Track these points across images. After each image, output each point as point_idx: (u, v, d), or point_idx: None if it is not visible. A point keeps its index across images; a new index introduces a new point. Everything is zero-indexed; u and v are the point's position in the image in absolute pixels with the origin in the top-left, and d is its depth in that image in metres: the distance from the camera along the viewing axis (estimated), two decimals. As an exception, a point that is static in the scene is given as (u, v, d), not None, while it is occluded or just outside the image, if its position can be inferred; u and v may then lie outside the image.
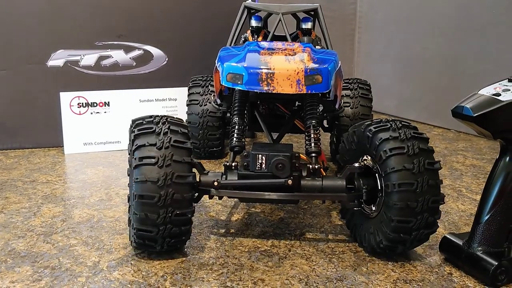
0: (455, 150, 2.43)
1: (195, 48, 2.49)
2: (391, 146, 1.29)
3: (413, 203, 1.26)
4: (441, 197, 1.30)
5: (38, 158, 2.21)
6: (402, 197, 1.26)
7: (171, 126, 1.31)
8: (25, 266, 1.31)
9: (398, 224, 1.28)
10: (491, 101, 1.20)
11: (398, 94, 3.12)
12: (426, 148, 1.30)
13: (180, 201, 1.25)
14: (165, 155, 1.25)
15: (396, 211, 1.27)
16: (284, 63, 1.41)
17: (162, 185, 1.23)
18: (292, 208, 1.70)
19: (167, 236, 1.29)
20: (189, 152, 1.29)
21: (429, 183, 1.27)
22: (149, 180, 1.23)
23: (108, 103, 2.34)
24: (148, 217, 1.25)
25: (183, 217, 1.28)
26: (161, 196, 1.23)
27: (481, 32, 2.61)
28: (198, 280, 1.26)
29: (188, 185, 1.27)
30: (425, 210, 1.27)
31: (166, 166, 1.24)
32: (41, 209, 1.68)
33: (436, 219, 1.31)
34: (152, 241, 1.30)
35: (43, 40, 2.27)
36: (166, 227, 1.27)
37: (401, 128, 1.33)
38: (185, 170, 1.27)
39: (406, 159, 1.27)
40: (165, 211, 1.25)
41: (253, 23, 1.96)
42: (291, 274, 1.29)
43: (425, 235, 1.32)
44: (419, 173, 1.26)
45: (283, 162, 1.33)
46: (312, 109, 1.55)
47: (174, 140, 1.27)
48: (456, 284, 1.27)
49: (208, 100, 2.15)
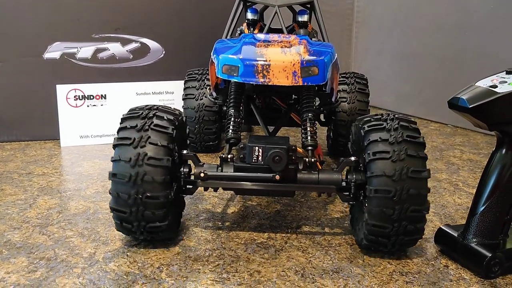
0: (452, 145, 2.43)
1: (192, 41, 2.48)
2: (376, 149, 1.26)
3: (389, 210, 1.23)
4: (425, 206, 1.25)
5: (34, 151, 2.20)
6: (378, 203, 1.24)
7: (157, 112, 1.33)
8: (20, 257, 1.31)
9: (373, 228, 1.27)
10: (487, 93, 1.20)
11: (396, 89, 3.12)
12: (415, 154, 1.24)
13: (151, 182, 1.26)
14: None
15: (372, 215, 1.26)
16: (280, 55, 1.41)
17: (134, 165, 1.25)
18: (288, 201, 1.70)
19: (140, 219, 1.29)
20: (168, 137, 1.29)
21: (409, 192, 1.22)
22: (122, 160, 1.26)
23: (105, 96, 2.33)
24: (119, 197, 1.26)
25: (154, 200, 1.27)
26: (132, 176, 1.25)
27: (479, 27, 2.60)
28: (194, 272, 1.26)
29: (161, 168, 1.27)
30: (403, 219, 1.24)
31: (140, 147, 1.26)
32: (37, 201, 1.67)
33: (419, 227, 1.27)
34: (127, 222, 1.30)
35: (39, 33, 2.26)
36: (138, 209, 1.27)
37: (396, 129, 1.28)
38: (160, 153, 1.27)
39: (389, 165, 1.23)
40: (136, 192, 1.26)
41: (249, 15, 1.95)
42: (288, 266, 1.29)
43: (408, 241, 1.30)
44: (400, 181, 1.22)
45: (280, 155, 1.32)
46: (308, 102, 1.55)
47: (154, 124, 1.29)
48: (452, 277, 1.27)
49: (204, 94, 2.15)
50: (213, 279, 1.23)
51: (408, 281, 1.24)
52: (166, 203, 1.29)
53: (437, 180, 1.94)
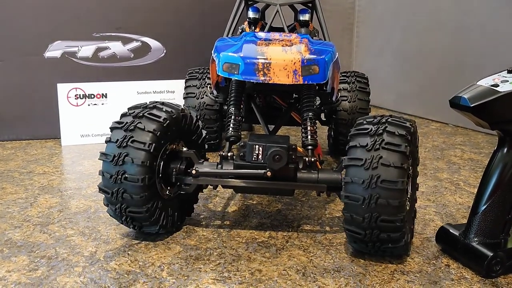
0: (453, 144, 2.43)
1: (193, 40, 2.48)
2: (351, 155, 1.25)
3: (358, 217, 1.23)
4: (398, 217, 1.22)
5: (35, 150, 2.20)
6: (349, 208, 1.25)
7: (146, 112, 1.34)
8: (21, 256, 1.31)
9: (348, 232, 1.28)
10: (488, 92, 1.20)
11: (397, 89, 3.11)
12: (389, 163, 1.21)
13: (130, 179, 1.28)
14: (126, 136, 1.30)
15: (345, 219, 1.27)
16: (281, 53, 1.40)
17: (115, 164, 1.29)
18: (289, 200, 1.70)
19: (124, 214, 1.32)
20: (151, 136, 1.30)
21: (378, 202, 1.20)
22: (107, 158, 1.30)
23: (106, 95, 2.33)
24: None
25: (136, 196, 1.29)
26: (113, 175, 1.29)
27: (480, 26, 2.60)
28: (195, 271, 1.26)
29: (139, 167, 1.28)
30: (374, 227, 1.23)
31: (123, 147, 1.29)
32: (37, 200, 1.67)
33: (393, 237, 1.24)
34: (117, 217, 1.36)
35: (40, 31, 2.26)
36: (121, 206, 1.31)
37: (380, 135, 1.24)
38: (139, 155, 1.28)
39: (360, 173, 1.22)
40: (117, 190, 1.29)
41: (251, 14, 1.95)
42: (289, 265, 1.29)
43: (387, 249, 1.28)
44: (369, 189, 1.21)
45: (280, 154, 1.32)
46: (309, 101, 1.55)
47: (138, 123, 1.31)
48: (454, 276, 1.27)
49: (205, 93, 2.15)
50: (214, 278, 1.22)
51: (409, 280, 1.24)
52: (144, 187, 1.29)
53: (438, 179, 1.94)
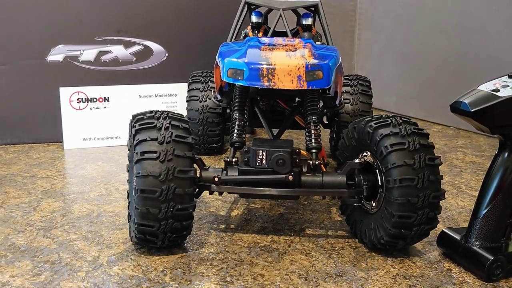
0: (454, 147, 2.43)
1: (195, 44, 2.49)
2: (392, 141, 1.29)
3: (414, 199, 1.26)
4: (442, 192, 1.30)
5: (38, 153, 2.21)
6: (403, 192, 1.27)
7: (172, 121, 1.31)
8: (25, 261, 1.31)
9: (399, 220, 1.28)
10: (489, 97, 1.20)
11: (398, 91, 3.12)
12: (426, 143, 1.30)
13: (181, 195, 1.26)
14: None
15: (397, 207, 1.28)
16: (285, 59, 1.41)
17: (164, 179, 1.24)
18: (291, 204, 1.70)
19: (168, 231, 1.29)
20: (190, 147, 1.29)
21: (429, 179, 1.27)
22: (151, 175, 1.24)
23: (108, 98, 2.34)
24: (149, 212, 1.25)
25: (184, 211, 1.28)
26: (163, 191, 1.24)
27: (481, 29, 2.60)
28: (197, 275, 1.26)
29: (189, 180, 1.27)
30: (426, 206, 1.27)
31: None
32: (40, 204, 1.67)
33: (436, 214, 1.31)
34: (153, 236, 1.30)
35: (42, 35, 2.27)
36: (168, 222, 1.27)
37: (401, 124, 1.33)
38: (187, 165, 1.27)
39: (407, 155, 1.27)
40: (167, 206, 1.25)
41: (254, 18, 1.95)
42: (291, 270, 1.30)
43: (426, 231, 1.33)
44: (420, 169, 1.26)
45: (284, 158, 1.33)
46: (313, 105, 1.55)
47: (175, 135, 1.28)
48: (455, 280, 1.27)
49: (208, 96, 2.15)
50: (217, 283, 1.23)
51: (411, 284, 1.25)
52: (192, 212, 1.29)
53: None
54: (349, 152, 1.46)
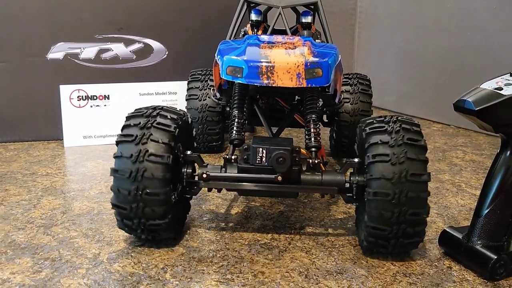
0: (454, 146, 2.43)
1: (196, 42, 2.49)
2: (376, 152, 1.26)
3: (387, 213, 1.24)
4: (424, 210, 1.25)
5: (38, 151, 2.21)
6: (377, 205, 1.24)
7: (161, 112, 1.35)
8: (25, 258, 1.31)
9: (372, 230, 1.28)
10: (493, 95, 1.20)
11: (398, 90, 3.12)
12: (415, 157, 1.24)
13: (151, 179, 1.27)
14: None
15: (371, 218, 1.27)
16: (284, 57, 1.41)
17: (135, 161, 1.27)
18: (292, 202, 1.70)
19: (141, 216, 1.29)
20: (166, 148, 1.29)
21: (408, 195, 1.22)
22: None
23: (108, 96, 2.34)
24: (120, 192, 1.28)
25: (158, 209, 1.28)
26: (132, 172, 1.27)
27: (481, 27, 2.60)
28: (198, 273, 1.26)
29: (162, 165, 1.28)
30: (402, 222, 1.24)
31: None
32: (41, 201, 1.68)
33: (418, 230, 1.26)
34: (128, 219, 1.31)
35: (42, 33, 2.27)
36: (138, 205, 1.28)
37: (398, 132, 1.27)
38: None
39: (388, 168, 1.23)
40: (136, 188, 1.27)
41: (253, 16, 1.95)
42: (291, 267, 1.30)
43: (408, 244, 1.29)
44: (399, 184, 1.22)
45: (284, 156, 1.33)
46: (312, 103, 1.55)
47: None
48: (456, 278, 1.27)
49: (207, 94, 2.15)
50: (217, 280, 1.23)
51: (412, 282, 1.25)
52: (165, 200, 1.29)
53: (440, 181, 1.94)
54: (360, 150, 1.44)
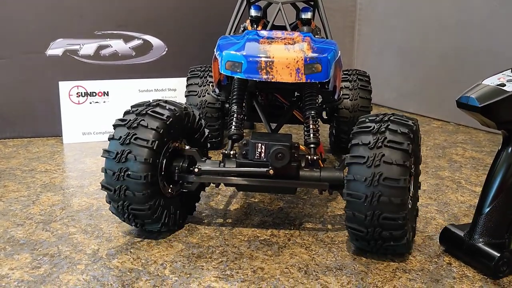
0: (454, 143, 2.43)
1: (195, 38, 2.48)
2: (355, 153, 1.26)
3: (360, 215, 1.24)
4: (400, 215, 1.22)
5: (37, 148, 2.20)
6: (351, 206, 1.25)
7: (149, 110, 1.35)
8: (24, 254, 1.31)
9: (350, 230, 1.29)
10: (496, 91, 1.19)
11: (398, 87, 3.11)
12: (392, 161, 1.21)
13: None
14: (129, 133, 1.30)
15: (348, 218, 1.28)
16: (284, 52, 1.40)
17: (118, 161, 1.29)
18: (291, 198, 1.70)
19: (124, 199, 1.31)
20: (154, 133, 1.30)
21: (380, 199, 1.21)
22: (110, 156, 1.31)
23: (107, 92, 2.33)
24: (107, 173, 1.31)
25: (138, 193, 1.29)
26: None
27: (481, 24, 2.60)
28: (197, 268, 1.26)
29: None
30: (376, 225, 1.23)
31: (126, 144, 1.30)
32: (40, 198, 1.67)
33: (395, 235, 1.24)
34: (114, 201, 1.33)
35: (42, 29, 2.26)
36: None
37: (382, 133, 1.25)
38: (142, 152, 1.29)
39: (362, 170, 1.23)
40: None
41: (253, 12, 1.94)
42: (291, 263, 1.30)
43: (389, 247, 1.28)
44: (371, 187, 1.21)
45: (283, 152, 1.32)
46: (311, 99, 1.55)
47: (141, 120, 1.31)
48: (455, 274, 1.27)
49: (206, 91, 2.15)
50: (217, 276, 1.23)
51: (411, 278, 1.24)
52: (146, 184, 1.29)
53: (440, 178, 1.94)
54: None
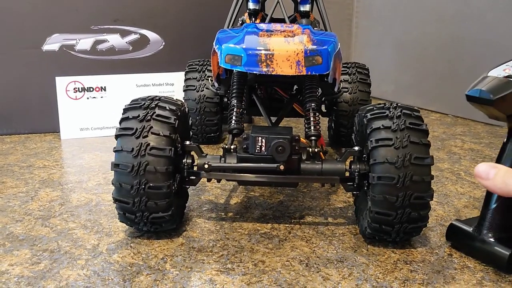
0: (453, 135, 2.43)
1: (192, 32, 2.47)
2: (379, 136, 1.25)
3: (392, 197, 1.23)
4: (429, 193, 1.24)
5: (34, 144, 2.19)
6: (381, 190, 1.24)
7: (159, 103, 1.33)
8: (23, 250, 1.30)
9: (376, 216, 1.27)
10: (508, 83, 1.17)
11: (396, 79, 3.11)
12: (418, 141, 1.24)
13: (153, 173, 1.25)
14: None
15: (375, 203, 1.26)
16: (284, 44, 1.39)
17: (135, 175, 1.25)
18: (291, 192, 1.69)
19: (144, 210, 1.28)
20: (167, 141, 1.28)
21: (412, 179, 1.21)
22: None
23: (105, 87, 2.32)
24: (122, 187, 1.27)
25: (161, 202, 1.27)
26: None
27: (479, 17, 2.59)
28: (198, 262, 1.25)
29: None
30: (407, 206, 1.23)
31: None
32: (38, 193, 1.66)
33: (422, 214, 1.26)
34: (130, 213, 1.30)
35: (38, 24, 2.24)
36: (141, 199, 1.26)
37: (399, 117, 1.28)
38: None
39: (391, 152, 1.23)
40: (139, 182, 1.25)
41: (251, 5, 1.93)
42: (292, 256, 1.29)
43: (412, 229, 1.29)
44: (402, 167, 1.21)
45: (283, 145, 1.32)
46: (311, 92, 1.54)
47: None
48: (456, 265, 1.27)
49: (205, 85, 2.14)
50: (218, 270, 1.22)
51: (413, 269, 1.24)
52: (168, 193, 1.28)
53: (439, 169, 1.94)
54: (360, 138, 1.43)
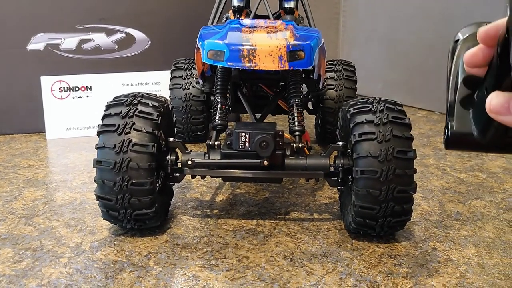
0: (439, 131, 2.44)
1: (178, 31, 2.46)
2: (362, 131, 1.26)
3: (375, 191, 1.23)
4: (412, 187, 1.25)
5: (20, 144, 2.17)
6: (365, 184, 1.24)
7: (142, 99, 1.33)
8: (5, 248, 1.29)
9: (360, 210, 1.27)
10: None
11: (383, 77, 3.12)
12: (401, 135, 1.25)
13: (136, 169, 1.25)
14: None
15: (359, 197, 1.26)
16: (266, 40, 1.39)
17: (118, 171, 1.24)
18: (277, 188, 1.69)
19: (127, 207, 1.27)
20: (150, 137, 1.27)
21: (395, 172, 1.22)
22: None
23: (90, 87, 2.30)
24: (105, 184, 1.26)
25: (145, 199, 1.26)
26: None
27: (466, 15, 2.60)
28: (182, 259, 1.25)
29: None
30: (390, 199, 1.24)
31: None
32: (22, 193, 1.65)
33: (406, 208, 1.27)
34: (113, 210, 1.29)
35: (22, 24, 2.22)
36: (124, 196, 1.26)
37: (382, 111, 1.28)
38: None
39: (374, 146, 1.24)
40: (121, 179, 1.24)
41: (235, 2, 1.93)
42: (276, 251, 1.29)
43: (396, 223, 1.29)
44: (385, 161, 1.22)
45: (267, 140, 1.31)
46: (295, 88, 1.54)
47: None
48: (440, 258, 1.27)
49: (191, 83, 2.13)
50: (202, 266, 1.22)
51: (397, 263, 1.25)
52: (151, 190, 1.27)
53: (425, 165, 1.94)
54: (344, 132, 1.43)
